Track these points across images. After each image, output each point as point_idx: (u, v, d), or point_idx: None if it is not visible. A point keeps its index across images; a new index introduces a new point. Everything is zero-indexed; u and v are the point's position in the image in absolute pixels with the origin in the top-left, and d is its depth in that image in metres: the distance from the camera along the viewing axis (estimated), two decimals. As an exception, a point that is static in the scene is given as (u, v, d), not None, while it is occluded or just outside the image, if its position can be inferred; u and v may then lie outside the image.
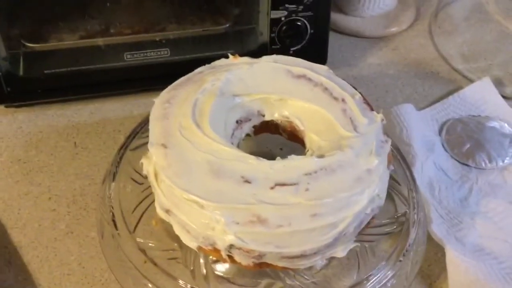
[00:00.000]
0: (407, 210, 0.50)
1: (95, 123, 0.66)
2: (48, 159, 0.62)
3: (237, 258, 0.40)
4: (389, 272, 0.46)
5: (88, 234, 0.55)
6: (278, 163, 0.41)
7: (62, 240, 0.54)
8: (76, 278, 0.51)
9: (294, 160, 0.41)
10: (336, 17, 0.81)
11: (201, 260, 0.46)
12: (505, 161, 0.63)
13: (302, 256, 0.40)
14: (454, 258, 0.51)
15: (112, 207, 0.49)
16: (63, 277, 0.51)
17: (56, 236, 0.54)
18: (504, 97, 0.71)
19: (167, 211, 0.42)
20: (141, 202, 0.50)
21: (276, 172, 0.40)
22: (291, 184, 0.39)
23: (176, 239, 0.44)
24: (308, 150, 0.45)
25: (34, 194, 0.58)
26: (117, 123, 0.66)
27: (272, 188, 0.39)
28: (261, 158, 0.41)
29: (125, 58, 0.66)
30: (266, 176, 0.39)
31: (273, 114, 0.49)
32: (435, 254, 0.54)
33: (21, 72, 0.65)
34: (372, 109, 0.48)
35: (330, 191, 0.39)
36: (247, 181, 0.39)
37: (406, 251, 0.47)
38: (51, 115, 0.67)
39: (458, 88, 0.72)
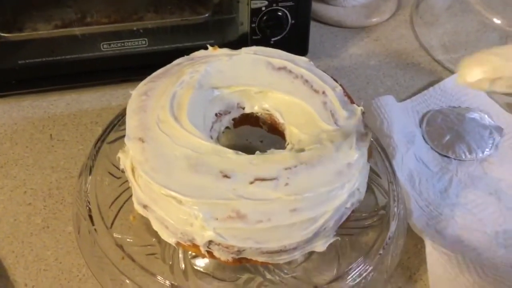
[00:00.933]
0: (387, 203, 0.50)
1: (71, 114, 0.65)
2: (24, 152, 0.60)
3: (216, 253, 0.39)
4: (369, 265, 0.46)
5: (65, 228, 0.54)
6: (258, 157, 0.40)
7: (38, 235, 0.53)
8: (53, 274, 0.50)
9: (273, 155, 0.40)
10: (317, 7, 0.81)
11: (180, 255, 0.46)
12: (485, 152, 0.64)
13: (282, 251, 0.39)
14: (433, 250, 0.51)
15: (89, 202, 0.48)
16: (39, 273, 0.50)
17: (32, 231, 0.53)
18: (484, 88, 0.72)
19: (145, 207, 0.41)
20: (118, 196, 0.49)
21: (256, 166, 0.39)
22: (270, 179, 0.38)
23: (155, 234, 0.43)
24: (288, 144, 0.44)
25: (9, 188, 0.57)
26: (94, 114, 0.65)
27: (251, 183, 0.38)
28: (240, 153, 0.40)
29: (101, 48, 0.64)
30: (246, 171, 0.39)
31: (253, 107, 0.48)
32: (414, 246, 0.54)
33: (-5, 63, 0.63)
34: (352, 102, 0.47)
35: (310, 185, 0.39)
36: (226, 176, 0.38)
37: (386, 244, 0.47)
38: (26, 107, 0.65)
39: (439, 79, 0.72)
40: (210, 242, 0.38)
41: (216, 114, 0.47)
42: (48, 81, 0.65)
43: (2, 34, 0.61)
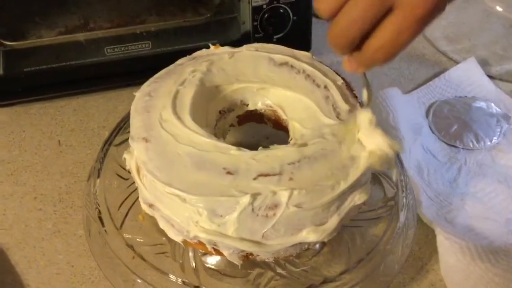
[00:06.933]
0: (395, 193, 0.50)
1: (78, 120, 0.65)
2: (32, 158, 0.61)
3: (222, 250, 0.39)
4: (379, 257, 0.46)
5: (76, 232, 0.54)
6: (260, 153, 0.40)
7: (50, 240, 0.53)
8: (65, 277, 0.51)
9: (276, 150, 0.40)
10: (319, 3, 0.80)
11: (190, 253, 0.46)
12: (493, 140, 0.63)
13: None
14: (444, 240, 0.51)
15: (98, 204, 0.48)
16: (52, 277, 0.51)
17: (43, 236, 0.54)
18: (490, 76, 0.71)
19: (151, 206, 0.41)
20: (127, 197, 0.49)
21: (259, 162, 0.39)
22: (274, 174, 0.38)
23: (164, 233, 0.43)
24: (291, 139, 0.44)
25: (19, 195, 0.57)
26: (101, 119, 0.65)
27: (255, 179, 0.38)
28: (243, 149, 0.40)
29: (106, 52, 0.65)
30: (249, 167, 0.38)
31: (257, 104, 0.48)
32: (426, 236, 0.54)
33: (1, 71, 0.63)
34: (355, 96, 0.47)
35: (314, 180, 0.38)
36: (229, 173, 0.38)
37: (396, 234, 0.47)
38: (34, 114, 0.66)
39: (444, 70, 0.72)
40: (215, 239, 0.38)
41: (220, 112, 0.47)
42: (54, 87, 0.66)
43: (7, 43, 0.62)
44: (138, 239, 0.47)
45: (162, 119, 0.42)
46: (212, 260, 0.47)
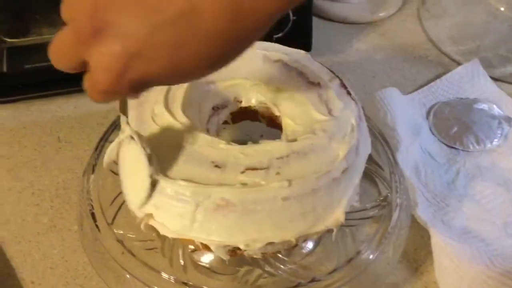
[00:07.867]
0: (389, 194, 0.50)
1: (78, 117, 0.66)
2: (32, 154, 0.61)
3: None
4: (370, 256, 0.45)
5: (71, 227, 0.54)
6: (249, 147, 0.40)
7: (45, 234, 0.54)
8: (59, 272, 0.51)
9: (265, 145, 0.40)
10: (321, 3, 0.80)
11: (180, 249, 0.46)
12: (494, 143, 0.63)
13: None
14: (439, 241, 0.50)
15: (91, 200, 0.49)
16: (46, 271, 0.51)
17: (39, 231, 0.54)
18: (493, 78, 0.70)
19: (139, 200, 0.41)
20: (120, 193, 0.49)
21: (247, 156, 0.39)
22: (261, 168, 0.38)
23: (155, 229, 0.43)
24: (283, 135, 0.44)
25: (17, 189, 0.58)
26: (101, 116, 0.66)
27: (242, 172, 0.38)
28: (233, 143, 0.40)
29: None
30: (237, 161, 0.38)
31: (250, 100, 0.48)
32: (421, 238, 0.54)
33: (4, 69, 0.64)
34: (349, 93, 0.47)
35: (302, 174, 0.38)
36: (218, 166, 0.38)
37: (388, 234, 0.47)
38: (35, 111, 0.66)
39: (447, 71, 0.71)
40: (202, 233, 0.38)
41: (213, 108, 0.47)
42: (55, 84, 0.66)
43: (8, 40, 0.63)
44: (129, 235, 0.47)
45: (154, 114, 0.42)
46: (200, 256, 0.47)
